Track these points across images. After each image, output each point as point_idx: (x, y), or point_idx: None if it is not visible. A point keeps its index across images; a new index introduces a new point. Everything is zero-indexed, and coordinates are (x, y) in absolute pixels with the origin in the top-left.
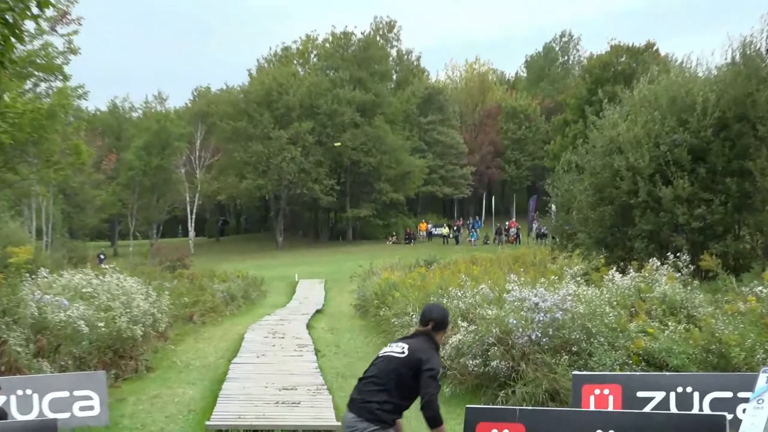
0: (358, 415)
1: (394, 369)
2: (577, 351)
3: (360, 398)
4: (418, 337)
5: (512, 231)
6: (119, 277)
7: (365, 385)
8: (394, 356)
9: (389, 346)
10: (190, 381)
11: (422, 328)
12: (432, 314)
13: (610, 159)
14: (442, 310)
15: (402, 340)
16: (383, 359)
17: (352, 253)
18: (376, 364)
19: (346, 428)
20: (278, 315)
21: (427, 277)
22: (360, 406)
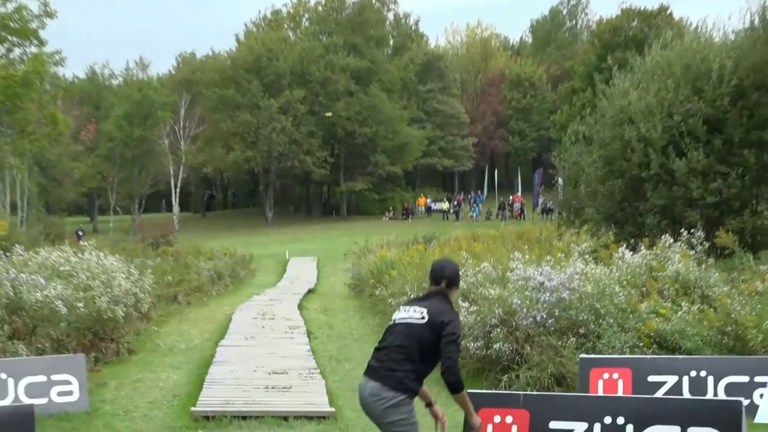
0: (384, 383)
1: (416, 336)
2: (585, 333)
3: (384, 366)
4: (434, 299)
5: (516, 206)
6: (99, 254)
7: (389, 353)
8: (414, 323)
9: (404, 310)
10: (175, 365)
11: (435, 287)
12: (444, 271)
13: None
14: (454, 266)
15: (416, 302)
16: (403, 326)
17: (346, 230)
18: (396, 332)
19: (370, 396)
20: (268, 295)
21: (425, 254)
22: (385, 374)
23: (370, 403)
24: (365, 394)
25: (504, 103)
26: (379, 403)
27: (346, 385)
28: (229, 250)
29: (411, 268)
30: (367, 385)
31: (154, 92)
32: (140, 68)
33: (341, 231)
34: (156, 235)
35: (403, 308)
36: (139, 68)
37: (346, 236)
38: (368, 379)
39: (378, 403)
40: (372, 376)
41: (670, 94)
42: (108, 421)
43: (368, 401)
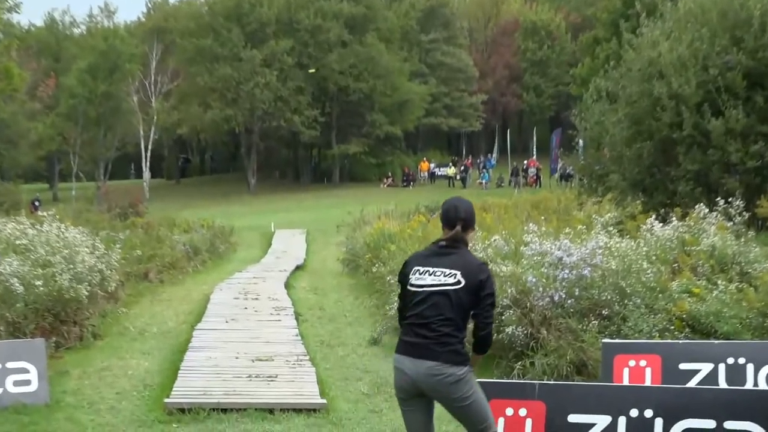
0: (444, 360)
1: (457, 304)
2: (609, 315)
3: (435, 342)
4: (458, 252)
5: (531, 171)
6: (60, 226)
7: (436, 327)
8: (451, 289)
9: (429, 274)
10: (146, 350)
11: (449, 232)
12: (459, 212)
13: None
14: (468, 204)
15: (437, 259)
16: (440, 296)
17: (339, 198)
18: (434, 303)
19: (429, 377)
20: (251, 272)
21: (428, 226)
22: (442, 351)
23: (433, 383)
24: (419, 373)
25: (518, 55)
26: (446, 381)
27: (339, 374)
28: (207, 221)
29: (412, 242)
30: (422, 365)
31: (121, 42)
32: (105, 15)
33: (333, 200)
34: (124, 205)
35: (423, 270)
36: (105, 15)
37: (339, 206)
38: (417, 359)
39: (445, 381)
40: (423, 355)
41: (705, 45)
42: (71, 414)
43: (429, 381)
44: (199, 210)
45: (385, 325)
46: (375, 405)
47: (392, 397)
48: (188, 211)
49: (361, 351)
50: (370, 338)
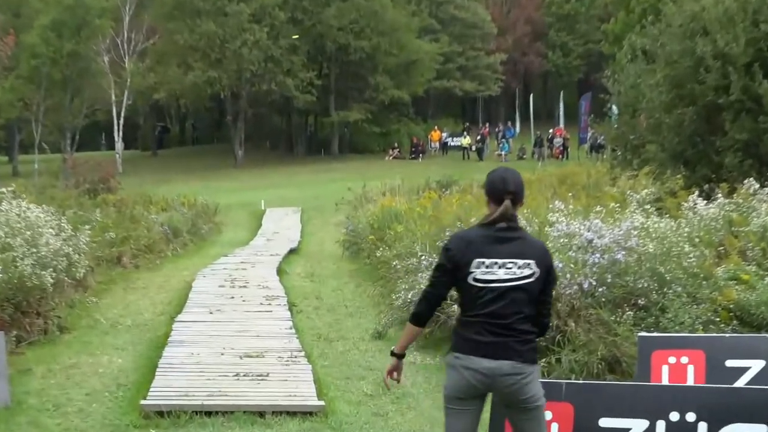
0: (524, 359)
1: (533, 298)
2: (645, 305)
3: (516, 340)
4: (522, 236)
5: (557, 141)
6: (21, 204)
7: (516, 324)
8: (526, 282)
9: (496, 267)
10: (119, 345)
11: (499, 209)
12: (507, 184)
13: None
14: (517, 175)
15: (501, 246)
16: (515, 290)
17: (338, 172)
18: (512, 300)
19: (508, 377)
20: (238, 256)
21: (440, 204)
22: (522, 349)
23: (512, 383)
24: (499, 374)
25: (541, 9)
26: (526, 380)
27: (339, 372)
28: (188, 198)
29: (422, 222)
30: (503, 365)
31: None
32: None
33: (332, 174)
34: (94, 180)
35: (490, 262)
36: None
37: (338, 180)
38: (496, 360)
39: (525, 381)
40: (504, 355)
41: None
42: (34, 417)
43: (508, 382)
44: (179, 185)
45: (391, 316)
46: (380, 407)
47: (399, 399)
48: (167, 186)
49: (364, 346)
50: (374, 331)
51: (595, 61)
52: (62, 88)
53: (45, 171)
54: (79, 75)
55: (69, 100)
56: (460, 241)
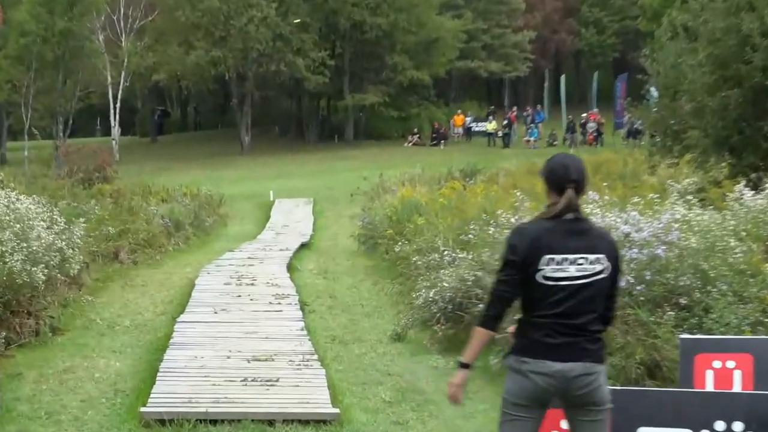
0: (595, 360)
1: (603, 292)
2: (688, 304)
3: (587, 339)
4: (591, 227)
5: (591, 126)
6: (9, 195)
7: (588, 324)
8: (598, 279)
9: (567, 263)
10: (117, 348)
11: (562, 200)
12: (569, 172)
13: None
14: (580, 162)
15: (571, 239)
16: (586, 287)
17: (353, 160)
18: (584, 299)
19: (579, 379)
20: (245, 251)
21: (464, 195)
22: (593, 349)
23: (584, 385)
24: (571, 377)
25: None
26: (598, 382)
27: (355, 377)
28: (191, 188)
29: (444, 214)
30: (576, 368)
31: None
32: None
33: (346, 162)
34: (89, 168)
35: (561, 258)
36: None
37: (354, 169)
38: (568, 362)
39: (597, 382)
40: (576, 356)
41: None
42: (25, 425)
43: (580, 384)
44: (181, 175)
45: (411, 316)
46: (399, 415)
47: (420, 406)
48: (167, 175)
49: (382, 349)
50: (393, 333)
51: (631, 39)
52: (54, 68)
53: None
54: (72, 55)
55: (61, 82)
56: (525, 236)
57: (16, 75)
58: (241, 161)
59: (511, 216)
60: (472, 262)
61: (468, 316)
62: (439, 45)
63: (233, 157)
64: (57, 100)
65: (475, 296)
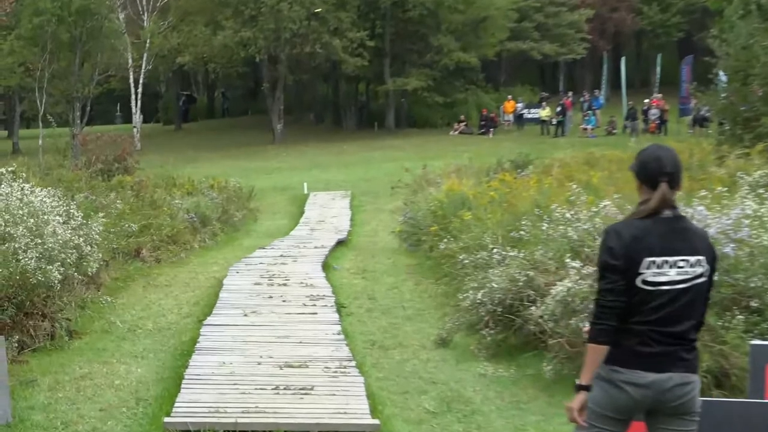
0: (692, 370)
1: (702, 297)
2: (759, 308)
3: (683, 347)
4: (690, 225)
5: (653, 113)
6: (23, 187)
7: (688, 333)
8: (698, 283)
9: (667, 266)
10: (139, 353)
11: (656, 195)
12: (663, 165)
13: None
14: (674, 153)
15: (671, 239)
16: (687, 292)
17: (394, 150)
18: (684, 305)
19: (675, 389)
20: (277, 248)
21: (515, 188)
22: (688, 356)
23: (679, 397)
24: (667, 388)
25: None
26: (694, 393)
27: (396, 385)
28: (218, 180)
29: (493, 209)
30: (672, 378)
31: None
32: None
33: (387, 152)
34: (108, 158)
35: (661, 261)
36: None
37: (395, 160)
38: (664, 372)
39: (693, 393)
40: (672, 366)
41: None
42: None
43: (676, 394)
44: (208, 165)
45: (458, 320)
46: (444, 426)
47: (467, 417)
48: (193, 166)
49: (425, 355)
50: (437, 338)
51: (698, 17)
52: (70, 50)
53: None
54: (89, 35)
55: (78, 64)
56: (623, 238)
57: (29, 57)
58: (272, 151)
59: (567, 211)
60: (524, 261)
61: (519, 319)
62: (488, 24)
63: (264, 147)
64: (74, 85)
65: (527, 298)
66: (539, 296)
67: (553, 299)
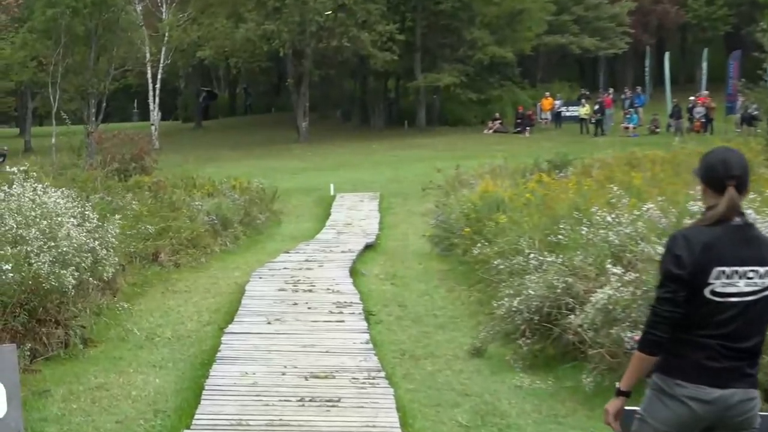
0: (754, 386)
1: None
2: None
3: (747, 363)
4: (758, 233)
5: (699, 111)
6: (36, 187)
7: (755, 347)
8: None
9: (737, 276)
10: (157, 362)
11: (724, 201)
12: (730, 168)
13: None
14: (741, 156)
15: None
16: (756, 304)
17: (425, 149)
18: (752, 319)
19: (738, 405)
20: (302, 253)
21: (553, 189)
22: (751, 372)
23: (741, 414)
24: (731, 405)
25: None
26: (755, 410)
27: (428, 398)
28: (240, 181)
29: (530, 212)
30: (736, 394)
31: None
32: None
33: (417, 151)
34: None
35: (730, 271)
36: None
37: (426, 160)
38: (727, 388)
39: (754, 410)
40: (736, 382)
41: None
42: None
43: (738, 411)
44: (229, 165)
45: (492, 328)
46: None
47: (502, 430)
48: (213, 166)
49: (458, 365)
50: (471, 347)
51: (746, 10)
52: (85, 44)
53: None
54: (105, 28)
55: (94, 59)
56: (693, 246)
57: (42, 51)
58: (297, 150)
59: (607, 214)
60: (562, 267)
61: (557, 328)
62: (524, 17)
63: (288, 146)
64: (89, 80)
65: (566, 306)
66: (578, 304)
67: (593, 307)
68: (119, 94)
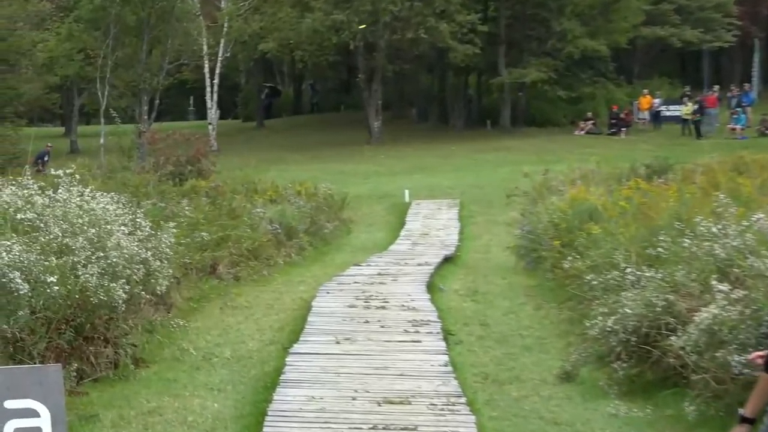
0: None
1: None
2: None
3: None
4: None
5: None
6: (83, 192)
7: None
8: None
9: None
10: (215, 385)
11: None
12: None
13: None
14: None
15: None
16: None
17: (509, 152)
18: None
19: None
20: (374, 265)
21: (652, 197)
22: None
23: None
24: None
25: None
26: None
27: (513, 426)
28: (306, 186)
29: (626, 222)
30: None
31: None
32: None
33: (501, 154)
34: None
35: None
36: None
37: (511, 164)
38: None
39: None
40: None
41: None
42: None
43: None
44: (294, 169)
45: (585, 350)
46: None
47: None
48: (277, 170)
49: (547, 391)
50: (561, 371)
51: None
52: (137, 35)
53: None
54: (159, 18)
55: (146, 52)
56: None
57: (89, 43)
58: (368, 152)
59: (713, 225)
60: (662, 283)
61: (656, 351)
62: (620, 7)
63: (359, 147)
64: (140, 75)
65: (666, 326)
66: (680, 324)
67: (696, 328)
68: (174, 90)
